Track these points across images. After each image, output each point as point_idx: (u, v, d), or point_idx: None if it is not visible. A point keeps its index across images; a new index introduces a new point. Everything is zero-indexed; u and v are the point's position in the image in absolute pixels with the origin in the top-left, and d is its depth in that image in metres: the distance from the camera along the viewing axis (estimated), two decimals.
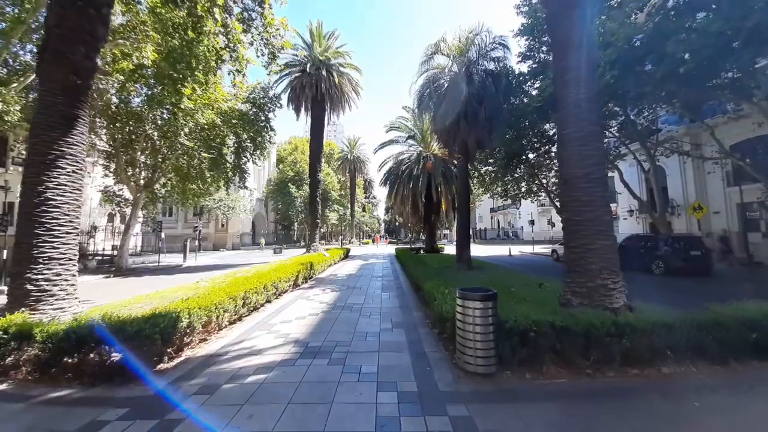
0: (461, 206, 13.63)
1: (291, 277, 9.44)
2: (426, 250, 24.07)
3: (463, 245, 13.35)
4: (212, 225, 43.53)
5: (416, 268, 10.79)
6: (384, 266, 16.34)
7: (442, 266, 13.89)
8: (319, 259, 13.38)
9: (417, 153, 24.07)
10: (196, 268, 20.62)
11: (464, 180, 13.90)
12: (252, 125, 21.91)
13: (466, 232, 13.56)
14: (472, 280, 9.63)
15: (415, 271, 10.27)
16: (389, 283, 10.88)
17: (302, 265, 10.99)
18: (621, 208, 27.48)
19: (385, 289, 9.62)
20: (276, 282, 8.14)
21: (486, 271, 12.11)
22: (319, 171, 24.42)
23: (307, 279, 11.67)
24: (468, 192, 14.17)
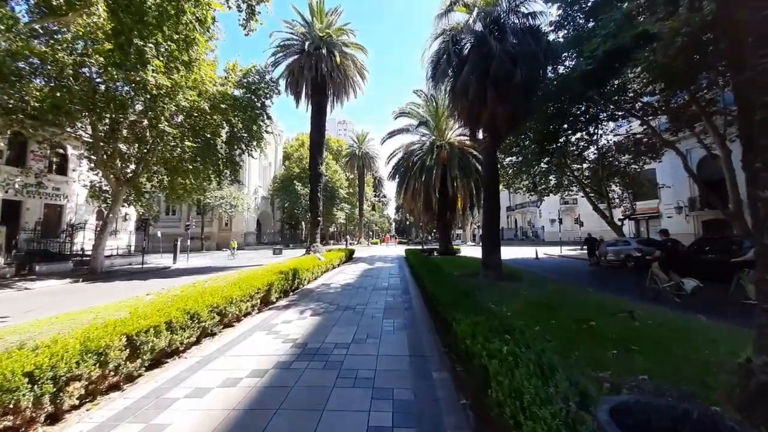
0: (489, 199, 10.58)
1: (255, 293, 6.62)
2: (440, 252, 21.01)
3: (490, 247, 10.29)
4: (215, 224, 41.45)
5: (432, 278, 7.85)
6: (391, 272, 13.38)
7: (464, 274, 10.87)
8: (308, 265, 10.54)
9: (430, 142, 21.02)
10: (182, 271, 18.16)
11: (491, 167, 10.84)
12: (244, 111, 19.33)
13: (495, 231, 10.50)
14: (512, 297, 6.63)
15: (431, 284, 7.36)
16: (396, 300, 7.90)
17: (280, 275, 8.16)
18: (664, 204, 23.79)
19: (390, 312, 6.65)
20: (222, 304, 5.32)
21: (524, 283, 9.05)
22: (321, 163, 21.68)
23: (288, 292, 8.84)
24: (497, 182, 11.11)
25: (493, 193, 10.59)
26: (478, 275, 10.73)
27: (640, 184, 21.85)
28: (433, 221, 22.04)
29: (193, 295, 5.17)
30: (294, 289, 9.38)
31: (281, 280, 8.08)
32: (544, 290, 7.86)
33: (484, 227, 10.56)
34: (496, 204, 10.58)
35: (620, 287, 10.06)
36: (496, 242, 10.37)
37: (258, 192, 44.84)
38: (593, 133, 15.59)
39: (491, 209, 10.46)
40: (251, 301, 6.45)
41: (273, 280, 7.56)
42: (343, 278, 11.65)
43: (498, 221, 10.54)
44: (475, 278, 10.28)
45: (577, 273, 14.43)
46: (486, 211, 10.52)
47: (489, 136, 10.67)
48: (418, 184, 20.56)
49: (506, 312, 5.54)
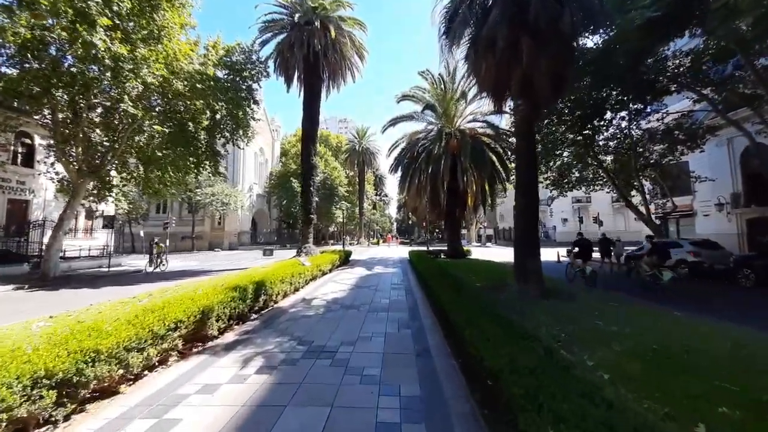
0: (525, 189, 7.84)
1: (169, 331, 3.95)
2: (448, 254, 18.31)
3: (527, 253, 7.57)
4: (207, 223, 38.86)
5: (451, 297, 5.19)
6: (393, 282, 10.67)
7: (489, 286, 8.19)
8: (284, 274, 7.85)
9: (438, 129, 18.30)
10: (153, 276, 15.53)
11: (528, 146, 8.09)
12: (226, 93, 16.68)
13: (533, 231, 7.76)
14: (588, 336, 3.99)
15: (451, 306, 4.71)
16: (401, 334, 5.07)
17: (231, 294, 5.50)
18: (700, 201, 20.96)
19: (393, 363, 3.90)
20: (72, 366, 2.67)
21: (581, 304, 6.38)
22: (314, 154, 19.01)
23: (247, 316, 6.17)
24: (534, 165, 8.34)
25: (531, 182, 7.87)
26: (506, 288, 8.03)
27: (674, 178, 19.07)
28: (441, 219, 19.36)
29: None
30: (260, 309, 6.72)
31: (231, 301, 5.40)
32: (623, 318, 5.18)
33: (519, 226, 7.83)
34: (533, 195, 7.86)
35: (702, 304, 7.33)
36: (535, 245, 7.65)
37: (253, 189, 42.26)
38: (640, 110, 12.82)
39: (529, 202, 7.74)
40: (160, 345, 3.79)
41: (212, 303, 4.88)
42: (332, 290, 8.94)
43: (537, 218, 7.82)
44: (505, 293, 7.59)
45: (629, 283, 11.62)
46: (521, 206, 7.79)
47: (524, 103, 7.95)
48: (424, 177, 17.89)
49: (605, 377, 2.93)
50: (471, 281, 8.79)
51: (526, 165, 7.97)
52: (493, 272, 11.04)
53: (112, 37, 11.96)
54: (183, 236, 38.64)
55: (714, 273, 12.01)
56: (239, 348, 4.48)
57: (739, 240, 19.41)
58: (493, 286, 8.28)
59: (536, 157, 8.91)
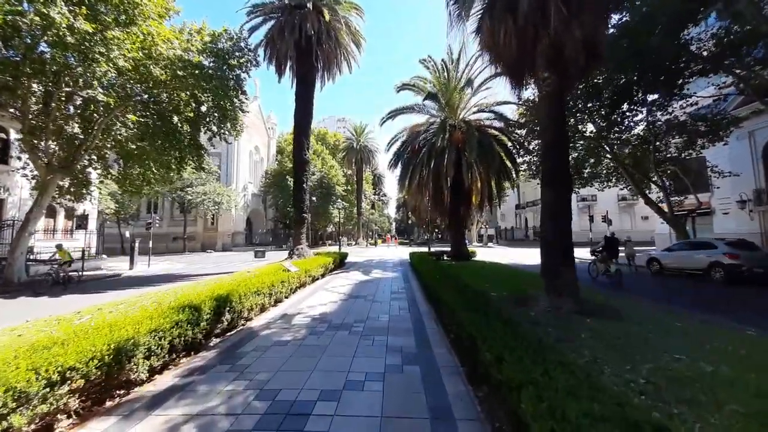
0: (554, 179, 6.34)
1: (67, 373, 2.47)
2: (452, 256, 16.87)
3: (558, 255, 6.09)
4: (200, 223, 37.29)
5: (472, 317, 3.74)
6: (394, 290, 9.17)
7: (512, 296, 6.75)
8: (259, 285, 6.35)
9: (441, 120, 16.84)
10: (130, 281, 14.05)
11: (556, 126, 6.61)
12: (210, 81, 15.18)
13: (565, 229, 6.25)
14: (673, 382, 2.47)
15: (475, 332, 3.30)
16: (407, 379, 3.57)
17: (174, 317, 4.03)
18: (719, 199, 19.55)
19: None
20: None
21: (631, 322, 4.95)
22: (307, 149, 17.52)
23: (200, 345, 4.68)
24: (565, 147, 6.82)
25: (561, 169, 6.39)
26: (532, 301, 6.57)
27: (694, 174, 17.64)
28: (443, 218, 17.89)
29: None
30: (225, 331, 5.24)
31: (173, 327, 3.92)
32: (696, 342, 3.73)
33: (547, 226, 6.35)
34: (565, 186, 6.39)
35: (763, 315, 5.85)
36: (569, 250, 6.17)
37: (248, 189, 40.71)
38: (670, 95, 11.36)
39: (559, 196, 6.25)
40: (31, 409, 2.32)
41: (138, 335, 3.40)
42: (321, 301, 7.45)
43: (570, 215, 6.34)
44: (533, 308, 6.13)
45: (666, 290, 10.15)
46: (550, 200, 6.30)
47: (552, 76, 6.49)
48: (426, 173, 16.42)
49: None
50: (484, 288, 7.34)
51: (555, 149, 6.49)
52: (508, 278, 9.58)
53: (75, 13, 10.47)
54: (174, 237, 37.06)
55: (754, 277, 10.61)
56: (170, 403, 2.99)
57: (762, 239, 17.98)
58: (516, 299, 6.82)
59: (567, 139, 7.43)
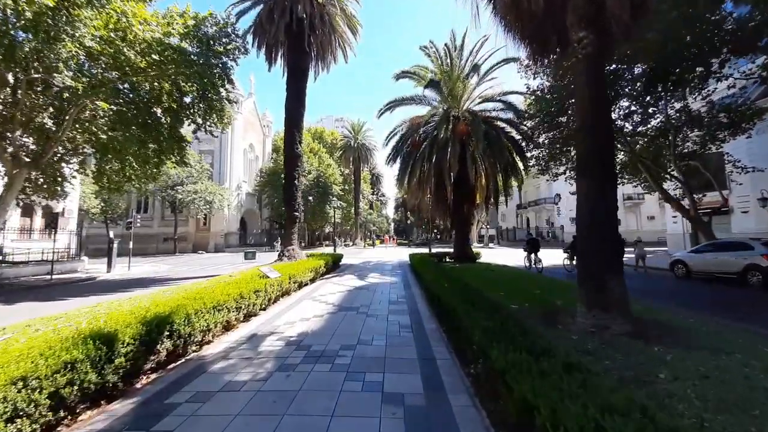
0: (593, 160, 4.96)
1: None
2: (455, 257, 15.52)
3: (602, 260, 4.74)
4: (192, 223, 35.81)
5: (521, 360, 2.42)
6: (392, 297, 7.79)
7: (537, 309, 5.42)
8: (219, 297, 4.97)
9: (443, 111, 15.50)
10: (101, 286, 12.63)
11: (596, 98, 5.17)
12: (192, 67, 13.77)
13: (609, 225, 4.88)
14: None
15: (503, 367, 1.98)
16: None
17: (66, 355, 2.65)
18: (737, 196, 18.29)
19: None
20: None
21: (707, 351, 3.58)
22: (299, 142, 16.14)
23: (116, 391, 3.28)
24: (608, 124, 5.34)
25: (603, 155, 5.04)
26: (566, 316, 5.23)
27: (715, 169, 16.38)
28: (446, 217, 16.54)
29: None
30: (166, 363, 3.88)
31: (62, 372, 2.56)
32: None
33: (585, 222, 4.99)
34: (609, 174, 5.04)
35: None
36: (615, 251, 4.83)
37: (242, 188, 39.25)
38: (711, 74, 10.03)
39: (601, 186, 4.91)
40: None
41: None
42: (302, 316, 6.05)
43: (615, 209, 5.00)
44: (569, 327, 4.79)
45: (706, 297, 8.82)
46: (590, 191, 4.94)
47: (589, 35, 5.13)
48: (427, 168, 15.08)
49: None
50: (498, 297, 5.99)
51: (594, 128, 5.13)
52: (522, 284, 8.22)
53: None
54: (165, 237, 35.57)
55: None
56: None
57: None
58: (542, 313, 5.46)
59: (609, 115, 6.06)
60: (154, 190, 32.52)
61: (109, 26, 11.01)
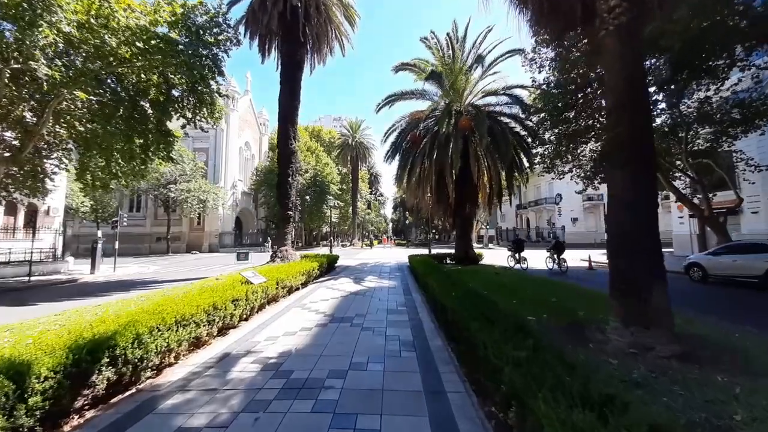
0: (628, 146, 4.18)
1: None
2: (457, 259, 14.76)
3: (640, 263, 3.97)
4: (185, 222, 34.85)
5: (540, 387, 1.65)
6: (390, 305, 6.97)
7: (557, 320, 4.64)
8: (186, 308, 4.15)
9: (445, 105, 14.74)
10: (82, 289, 11.77)
11: (635, 72, 4.45)
12: (179, 57, 12.93)
13: (648, 222, 4.09)
14: None
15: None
16: None
17: None
18: (747, 196, 17.59)
19: None
20: None
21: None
22: (293, 138, 15.31)
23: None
24: (645, 104, 4.50)
25: (641, 141, 4.25)
26: (589, 331, 4.46)
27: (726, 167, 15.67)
28: (448, 217, 15.76)
29: None
30: (108, 397, 3.07)
31: None
32: None
33: (618, 218, 4.22)
34: (647, 164, 4.26)
35: None
36: (656, 253, 4.06)
37: (237, 186, 38.33)
38: (736, 61, 9.31)
39: (638, 177, 4.13)
40: None
41: None
42: (288, 330, 5.23)
43: (656, 202, 4.23)
44: (602, 346, 4.01)
45: (736, 304, 8.07)
46: (625, 183, 4.18)
47: (625, 1, 4.36)
48: (428, 165, 14.32)
49: None
50: (512, 306, 5.23)
51: (630, 109, 4.33)
52: (536, 290, 7.46)
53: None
54: (158, 237, 34.62)
55: None
56: None
57: None
58: (566, 328, 4.69)
59: (647, 94, 5.25)
60: (146, 189, 31.58)
61: (90, 12, 10.21)
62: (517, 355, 2.37)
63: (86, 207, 29.36)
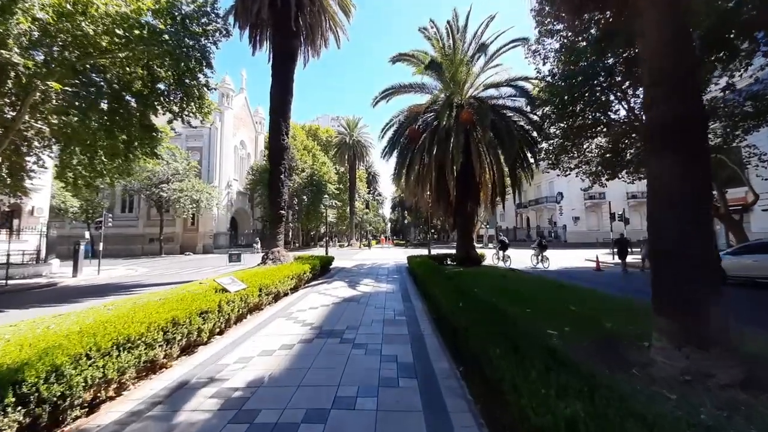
0: (677, 126, 3.45)
1: None
2: (458, 260, 14.00)
3: (690, 267, 3.24)
4: (179, 223, 33.95)
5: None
6: (387, 317, 6.14)
7: (583, 332, 3.79)
8: (133, 328, 3.36)
9: (445, 97, 13.97)
10: (59, 294, 10.96)
11: (682, 37, 3.72)
12: (161, 45, 12.11)
13: (705, 217, 3.34)
14: None
15: None
16: None
17: None
18: (762, 193, 16.84)
19: None
20: None
21: None
22: (285, 133, 14.52)
23: None
24: (697, 78, 3.73)
25: (690, 122, 3.50)
26: (626, 350, 3.69)
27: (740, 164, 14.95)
28: (448, 215, 14.99)
29: None
30: None
31: None
32: None
33: (668, 216, 3.48)
34: (699, 150, 3.51)
35: None
36: (711, 260, 3.31)
37: (232, 186, 37.46)
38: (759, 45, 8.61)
39: (688, 166, 3.38)
40: None
41: None
42: (265, 348, 4.41)
43: (711, 197, 3.49)
44: (648, 370, 3.23)
45: (756, 306, 7.37)
46: (675, 171, 3.42)
47: None
48: (427, 161, 13.55)
49: None
50: (526, 315, 4.47)
51: (679, 79, 3.56)
52: (549, 295, 6.70)
53: None
54: (151, 238, 33.73)
55: None
56: None
57: None
58: (597, 343, 3.92)
59: (699, 67, 4.47)
60: (138, 188, 30.68)
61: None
62: (571, 415, 1.59)
63: (75, 207, 28.43)
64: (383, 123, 16.39)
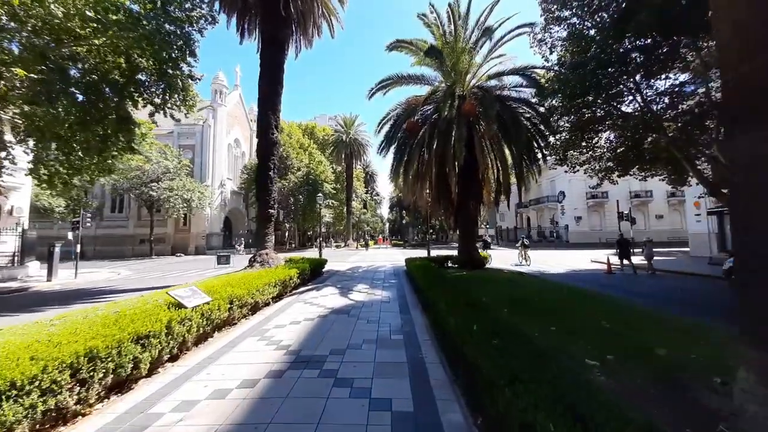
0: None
1: None
2: (461, 262, 13.04)
3: None
4: (170, 223, 32.84)
5: None
6: (382, 334, 5.16)
7: (633, 360, 2.60)
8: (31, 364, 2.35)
9: (446, 87, 13.00)
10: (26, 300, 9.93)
11: None
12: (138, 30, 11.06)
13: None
14: None
15: None
16: None
17: None
18: None
19: None
20: None
21: None
22: (275, 128, 13.50)
23: None
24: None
25: None
26: (693, 388, 2.69)
27: None
28: (449, 214, 14.01)
29: None
30: None
31: None
32: None
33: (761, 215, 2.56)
34: None
35: None
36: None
37: (226, 185, 36.36)
38: None
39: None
40: None
41: None
42: (216, 387, 3.39)
43: None
44: (734, 424, 2.24)
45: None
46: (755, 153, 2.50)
47: None
48: (427, 157, 12.60)
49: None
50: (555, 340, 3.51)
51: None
52: (567, 305, 5.73)
53: None
54: (142, 239, 32.59)
55: None
56: None
57: None
58: (658, 382, 2.96)
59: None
60: (128, 188, 29.55)
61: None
62: None
63: (61, 207, 27.31)
64: (380, 118, 15.45)
